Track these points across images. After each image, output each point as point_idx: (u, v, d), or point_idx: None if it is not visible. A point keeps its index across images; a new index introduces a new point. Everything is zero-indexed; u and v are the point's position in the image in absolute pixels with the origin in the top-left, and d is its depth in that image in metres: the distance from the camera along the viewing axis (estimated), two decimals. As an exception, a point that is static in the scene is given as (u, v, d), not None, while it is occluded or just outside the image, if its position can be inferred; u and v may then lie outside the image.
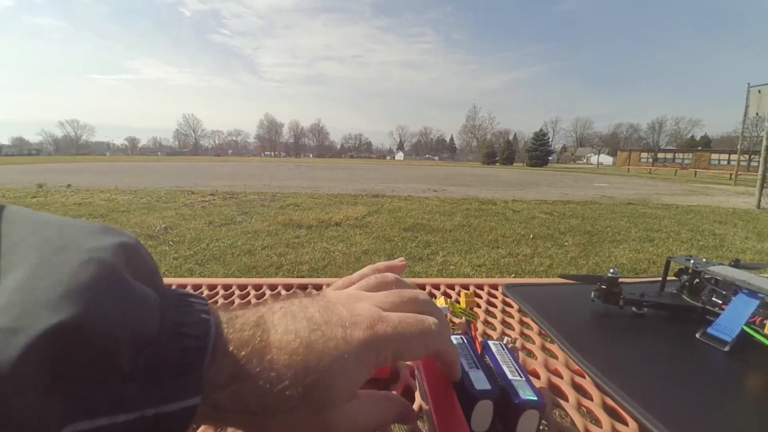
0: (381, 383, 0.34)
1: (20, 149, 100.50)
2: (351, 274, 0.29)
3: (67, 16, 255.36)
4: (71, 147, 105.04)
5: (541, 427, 0.27)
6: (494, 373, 0.30)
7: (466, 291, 0.51)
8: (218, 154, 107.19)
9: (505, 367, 0.31)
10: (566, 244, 3.96)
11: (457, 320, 0.45)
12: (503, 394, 0.27)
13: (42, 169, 17.71)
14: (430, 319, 0.24)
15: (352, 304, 0.23)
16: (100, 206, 5.82)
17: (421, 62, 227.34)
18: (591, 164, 73.57)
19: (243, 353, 0.19)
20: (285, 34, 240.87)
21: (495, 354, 0.33)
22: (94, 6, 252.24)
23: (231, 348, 0.19)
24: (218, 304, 0.50)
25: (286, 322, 0.21)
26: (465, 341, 0.35)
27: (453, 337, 0.35)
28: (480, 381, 0.28)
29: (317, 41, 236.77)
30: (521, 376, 0.29)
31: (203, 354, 0.18)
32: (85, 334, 0.14)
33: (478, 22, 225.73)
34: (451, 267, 3.11)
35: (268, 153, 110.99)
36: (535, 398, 0.27)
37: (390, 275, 0.28)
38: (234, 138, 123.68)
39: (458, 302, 0.50)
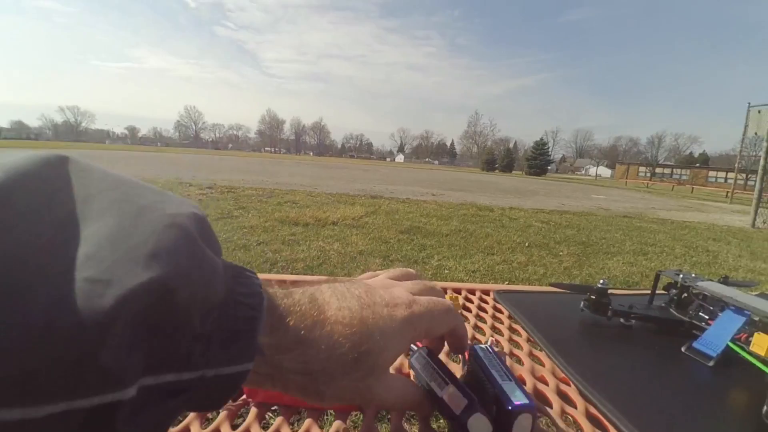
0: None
1: (19, 133, 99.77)
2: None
3: (71, 0, 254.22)
4: (70, 133, 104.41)
5: None
6: (482, 379, 0.30)
7: (453, 295, 0.51)
8: (218, 147, 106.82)
9: (494, 372, 0.31)
10: (561, 253, 3.97)
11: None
12: (495, 400, 0.28)
13: (40, 154, 17.55)
14: (448, 302, 0.29)
15: (389, 289, 0.27)
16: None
17: (426, 65, 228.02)
18: (589, 176, 73.99)
19: (304, 324, 0.21)
20: (290, 30, 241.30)
21: (483, 358, 0.33)
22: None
23: (292, 318, 0.21)
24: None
25: (338, 300, 0.23)
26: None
27: None
28: (458, 393, 0.28)
29: (322, 39, 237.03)
30: (511, 380, 0.30)
31: (257, 323, 0.19)
32: (170, 292, 0.15)
33: (484, 28, 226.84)
34: (446, 271, 3.11)
35: (269, 149, 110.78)
36: (528, 401, 0.27)
37: (410, 270, 0.33)
38: (235, 132, 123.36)
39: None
